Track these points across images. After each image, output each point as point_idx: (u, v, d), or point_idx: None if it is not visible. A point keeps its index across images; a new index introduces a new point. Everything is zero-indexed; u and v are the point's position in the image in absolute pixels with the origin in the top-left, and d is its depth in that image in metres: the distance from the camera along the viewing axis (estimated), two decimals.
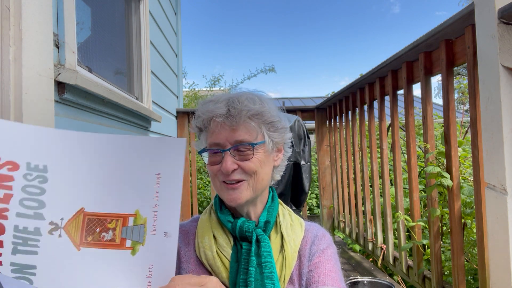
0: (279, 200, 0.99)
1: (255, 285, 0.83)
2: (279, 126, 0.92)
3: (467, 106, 4.64)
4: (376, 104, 2.76)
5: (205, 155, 0.91)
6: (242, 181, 0.87)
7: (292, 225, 0.95)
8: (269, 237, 0.91)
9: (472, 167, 1.63)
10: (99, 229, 0.59)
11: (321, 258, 0.91)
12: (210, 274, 0.89)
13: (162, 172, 0.62)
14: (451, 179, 1.77)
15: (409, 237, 2.39)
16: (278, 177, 0.97)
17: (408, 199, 2.43)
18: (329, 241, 0.96)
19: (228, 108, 0.86)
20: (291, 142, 1.03)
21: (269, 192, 0.98)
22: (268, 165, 0.92)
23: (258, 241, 0.88)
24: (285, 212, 0.98)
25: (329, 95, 4.11)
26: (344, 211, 3.59)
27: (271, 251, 0.87)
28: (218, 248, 0.89)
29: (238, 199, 0.87)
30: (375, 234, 2.82)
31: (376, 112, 2.77)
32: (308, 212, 5.96)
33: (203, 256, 0.89)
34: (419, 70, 2.05)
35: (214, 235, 0.91)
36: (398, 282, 2.59)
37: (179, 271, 0.91)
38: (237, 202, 0.87)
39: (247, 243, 0.89)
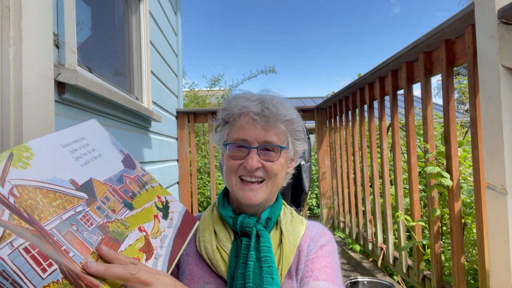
0: (283, 201, 1.00)
1: (253, 278, 0.83)
2: (302, 136, 0.95)
3: (467, 106, 4.63)
4: (376, 104, 2.75)
5: (224, 149, 0.92)
6: (262, 181, 0.89)
7: (292, 221, 0.97)
8: (268, 232, 0.92)
9: (472, 167, 1.63)
10: None
11: (318, 254, 0.92)
12: (209, 267, 0.91)
13: None
14: (451, 179, 1.77)
15: (409, 237, 2.39)
16: (284, 183, 0.99)
17: (408, 199, 2.43)
18: (328, 239, 0.96)
19: (262, 108, 0.88)
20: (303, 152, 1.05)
21: None
22: (285, 171, 0.94)
23: (258, 236, 0.89)
24: (286, 210, 0.99)
25: (329, 95, 4.11)
26: (344, 211, 3.59)
27: (270, 246, 0.88)
28: (218, 242, 0.91)
29: (254, 199, 0.88)
30: (375, 234, 2.82)
31: (376, 112, 2.77)
32: (308, 212, 5.96)
33: (203, 250, 0.90)
34: (419, 70, 2.05)
35: (214, 230, 0.93)
36: (398, 282, 2.59)
37: (179, 262, 0.93)
38: (252, 201, 0.88)
39: (247, 238, 0.90)
